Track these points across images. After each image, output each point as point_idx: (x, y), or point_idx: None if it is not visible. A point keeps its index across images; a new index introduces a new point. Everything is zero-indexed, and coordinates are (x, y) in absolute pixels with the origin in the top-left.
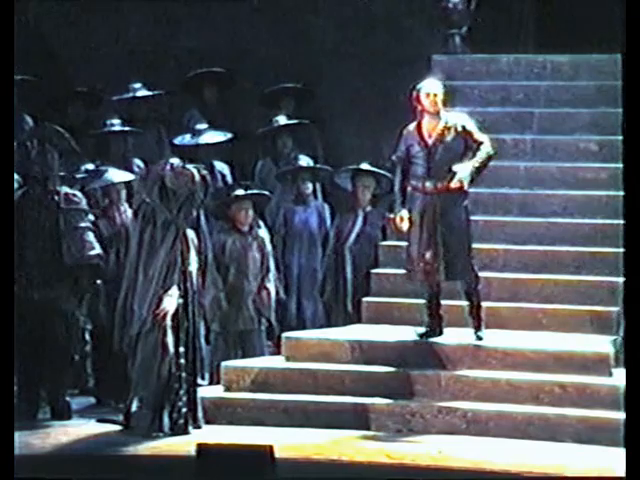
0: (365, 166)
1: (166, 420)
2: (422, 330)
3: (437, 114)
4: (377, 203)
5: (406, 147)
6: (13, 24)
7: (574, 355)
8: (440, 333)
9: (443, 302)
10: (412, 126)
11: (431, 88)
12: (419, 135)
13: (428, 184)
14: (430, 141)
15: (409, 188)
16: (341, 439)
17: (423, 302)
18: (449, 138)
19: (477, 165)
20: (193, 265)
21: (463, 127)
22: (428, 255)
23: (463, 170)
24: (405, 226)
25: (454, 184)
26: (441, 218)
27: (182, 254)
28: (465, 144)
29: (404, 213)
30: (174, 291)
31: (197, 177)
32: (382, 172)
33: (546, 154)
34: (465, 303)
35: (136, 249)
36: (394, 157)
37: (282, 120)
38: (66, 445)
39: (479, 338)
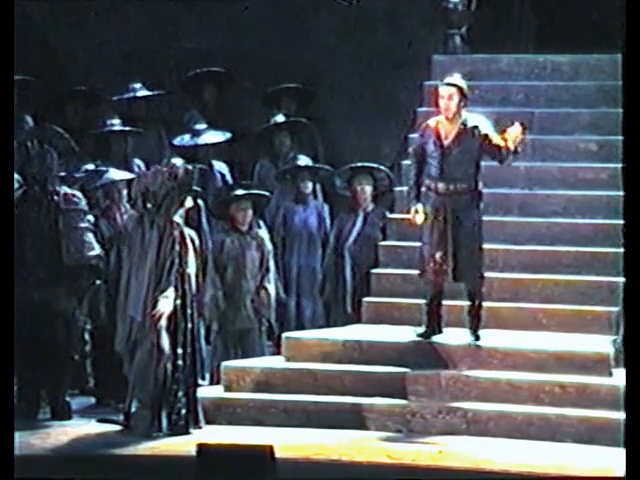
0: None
1: (165, 422)
2: (422, 330)
3: (454, 115)
4: (377, 202)
5: (421, 143)
6: (13, 24)
7: (574, 355)
8: (440, 332)
9: (443, 302)
10: (433, 121)
11: (444, 89)
12: (436, 134)
13: (441, 185)
14: (446, 142)
15: (423, 188)
16: (341, 439)
17: (423, 302)
18: (465, 140)
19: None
20: (191, 267)
21: (481, 133)
22: (438, 255)
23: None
24: (420, 219)
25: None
26: (453, 219)
27: (180, 256)
28: (480, 148)
29: (419, 206)
30: (170, 292)
31: (181, 173)
32: (379, 167)
33: (546, 154)
34: (466, 303)
35: (128, 253)
36: (410, 149)
37: (280, 119)
38: (66, 445)
39: (477, 338)
